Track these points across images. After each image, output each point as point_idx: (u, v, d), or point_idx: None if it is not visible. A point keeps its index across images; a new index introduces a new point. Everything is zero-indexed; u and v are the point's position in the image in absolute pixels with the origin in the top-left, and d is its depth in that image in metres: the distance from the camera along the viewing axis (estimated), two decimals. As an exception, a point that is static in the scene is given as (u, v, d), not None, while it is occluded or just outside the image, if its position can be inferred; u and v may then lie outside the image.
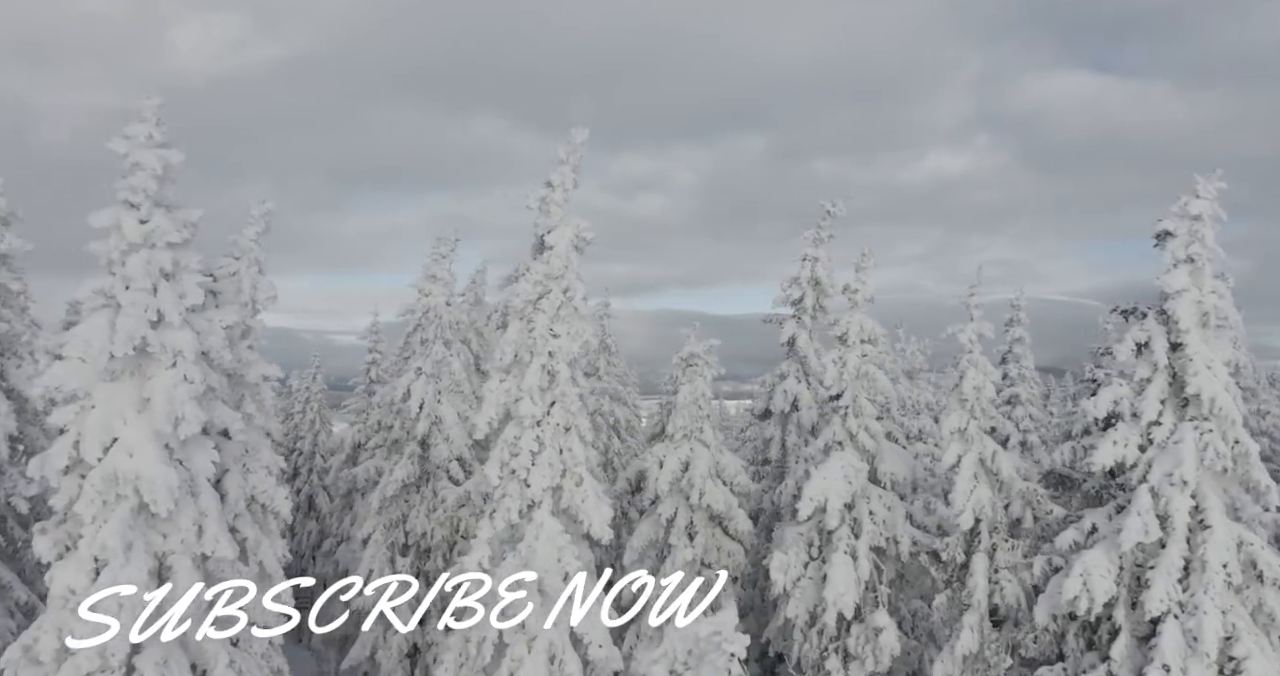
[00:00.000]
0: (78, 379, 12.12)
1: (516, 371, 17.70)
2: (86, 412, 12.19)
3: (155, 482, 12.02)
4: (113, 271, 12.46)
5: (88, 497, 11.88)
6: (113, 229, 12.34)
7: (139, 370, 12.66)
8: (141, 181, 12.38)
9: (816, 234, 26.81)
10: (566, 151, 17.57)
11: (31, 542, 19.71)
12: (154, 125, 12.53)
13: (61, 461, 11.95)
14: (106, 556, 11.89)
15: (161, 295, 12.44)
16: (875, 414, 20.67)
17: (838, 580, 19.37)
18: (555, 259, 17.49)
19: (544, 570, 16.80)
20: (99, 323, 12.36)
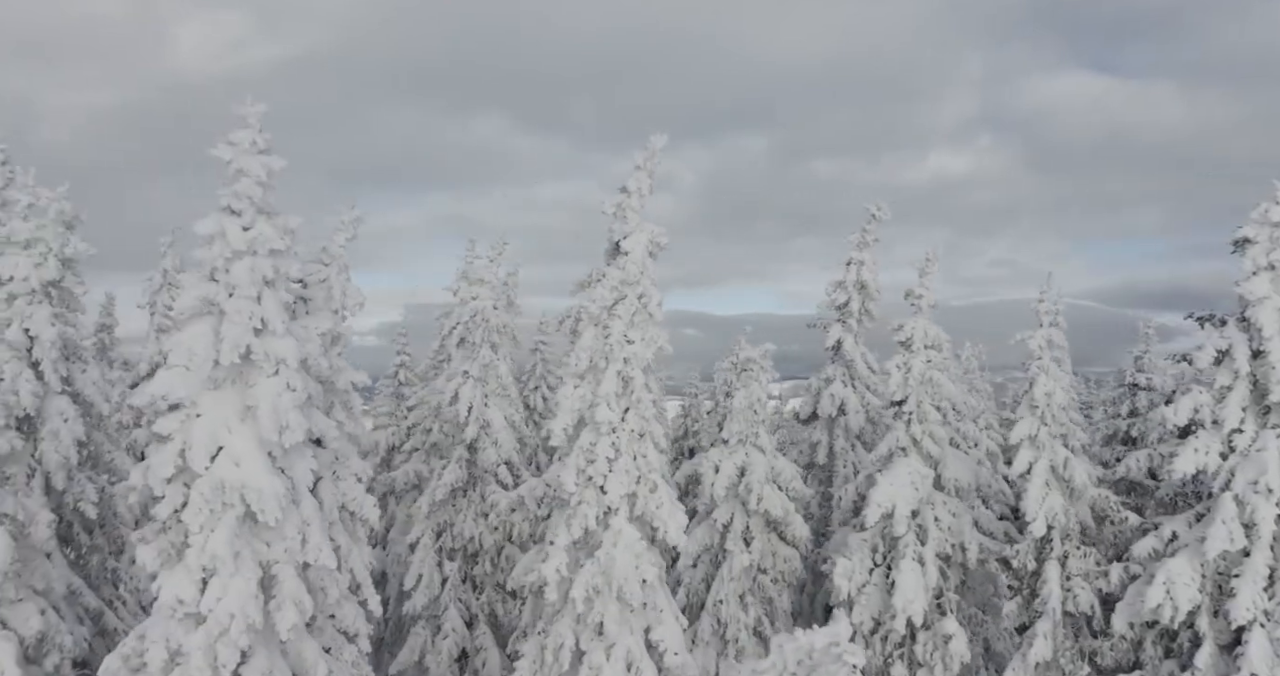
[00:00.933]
0: (183, 387, 12.03)
1: (591, 377, 17.63)
2: (192, 421, 12.09)
3: (263, 492, 11.94)
4: (215, 278, 12.37)
5: (195, 506, 11.78)
6: (217, 236, 12.25)
7: (240, 378, 12.57)
8: (246, 188, 12.29)
9: (861, 237, 26.82)
10: (644, 157, 17.51)
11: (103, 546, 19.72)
12: (257, 131, 12.44)
13: (167, 469, 11.85)
14: (215, 565, 11.80)
15: (265, 302, 12.36)
16: (939, 419, 20.59)
17: (906, 587, 19.30)
18: (631, 265, 17.41)
19: (623, 577, 16.73)
20: (202, 330, 12.27)
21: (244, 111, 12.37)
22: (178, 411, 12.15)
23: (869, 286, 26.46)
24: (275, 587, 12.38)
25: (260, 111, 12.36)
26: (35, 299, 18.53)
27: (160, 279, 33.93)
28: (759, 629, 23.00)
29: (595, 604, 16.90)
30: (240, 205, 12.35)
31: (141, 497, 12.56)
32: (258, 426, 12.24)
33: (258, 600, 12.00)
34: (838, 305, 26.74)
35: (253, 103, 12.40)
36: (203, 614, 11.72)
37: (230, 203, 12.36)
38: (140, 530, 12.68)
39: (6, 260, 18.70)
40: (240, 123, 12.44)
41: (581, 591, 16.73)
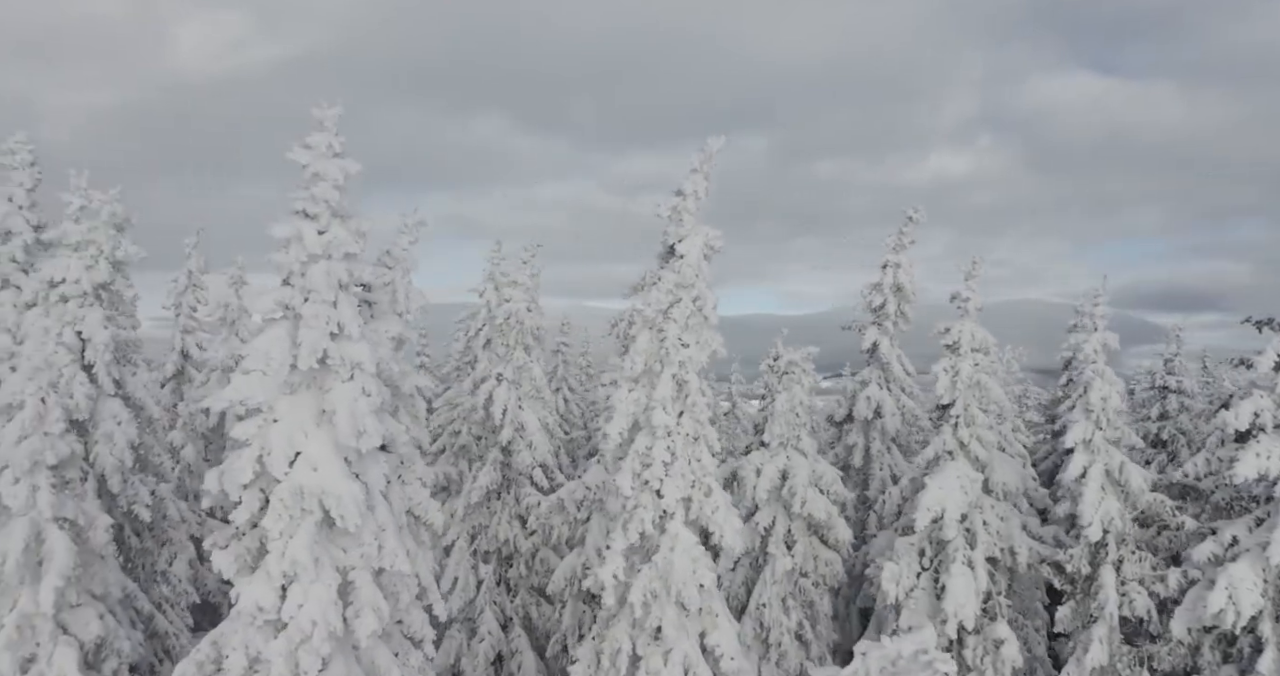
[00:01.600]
0: (261, 392, 11.96)
1: (646, 381, 17.56)
2: (269, 426, 12.03)
3: (342, 497, 11.87)
4: (291, 282, 12.30)
5: (275, 512, 11.72)
6: (293, 239, 12.18)
7: (315, 382, 12.51)
8: (323, 192, 12.24)
9: (898, 240, 26.75)
10: (700, 160, 17.44)
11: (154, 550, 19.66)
12: (333, 135, 12.37)
13: (246, 475, 11.79)
14: (296, 572, 11.73)
15: (341, 307, 12.29)
16: (987, 423, 20.51)
17: (957, 591, 19.21)
18: (686, 268, 17.35)
19: (681, 582, 16.66)
20: (278, 334, 12.21)
21: (320, 114, 12.31)
22: (255, 416, 12.09)
23: (905, 289, 26.40)
24: (352, 594, 12.30)
25: (336, 114, 12.30)
26: (86, 301, 18.50)
27: (185, 280, 33.82)
28: (800, 632, 22.93)
29: (653, 608, 16.82)
30: (316, 209, 12.29)
31: (215, 502, 12.47)
32: (335, 431, 12.18)
33: (337, 607, 11.93)
34: (873, 307, 26.67)
35: (328, 106, 12.33)
36: (284, 620, 11.65)
37: (306, 206, 12.31)
38: (213, 535, 12.61)
39: (58, 262, 18.69)
40: (316, 126, 12.37)
41: (639, 596, 16.65)
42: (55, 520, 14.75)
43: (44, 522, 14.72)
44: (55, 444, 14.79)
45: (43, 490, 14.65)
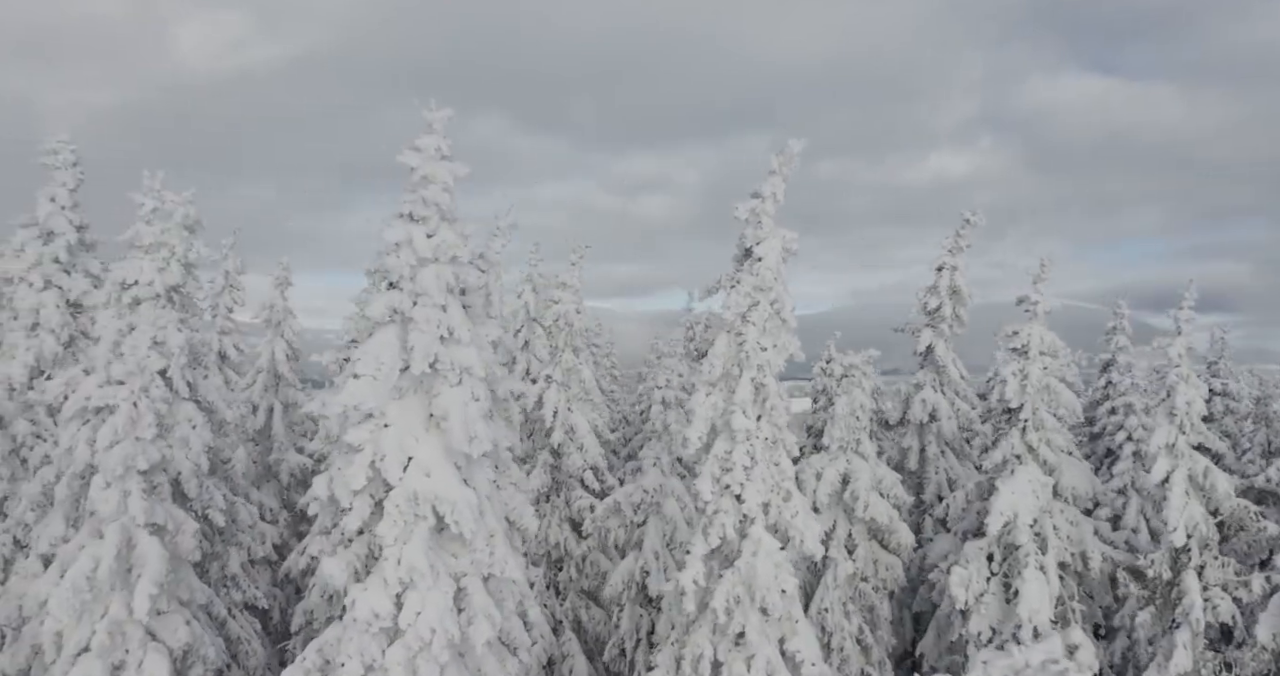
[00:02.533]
0: (373, 397, 11.86)
1: (724, 385, 17.46)
2: (382, 431, 11.92)
3: (458, 503, 11.77)
4: (400, 286, 12.20)
5: (390, 518, 11.61)
6: (404, 243, 12.08)
7: (422, 387, 12.41)
8: (433, 195, 12.14)
9: (954, 243, 26.62)
10: (779, 162, 17.34)
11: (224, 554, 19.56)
12: (442, 137, 12.27)
13: (359, 481, 11.68)
14: (413, 578, 11.62)
15: (450, 310, 12.19)
16: (1056, 427, 20.40)
17: (1031, 596, 19.09)
18: (765, 271, 17.25)
19: (765, 587, 16.55)
20: (388, 339, 12.11)
21: (429, 117, 12.21)
22: (367, 422, 11.98)
23: (961, 292, 26.26)
24: (464, 601, 12.20)
25: (446, 117, 12.20)
26: (159, 304, 18.39)
27: (223, 281, 33.75)
28: (860, 637, 22.83)
29: (735, 614, 16.72)
30: (426, 212, 12.19)
31: (320, 509, 12.37)
32: (446, 436, 12.08)
33: (454, 614, 11.82)
34: (929, 310, 26.53)
35: (437, 108, 12.22)
36: (401, 628, 11.54)
37: (415, 209, 12.20)
38: (319, 540, 12.50)
39: (131, 264, 18.57)
40: (425, 128, 12.27)
41: (722, 601, 16.54)
42: (146, 526, 14.65)
43: (135, 528, 14.63)
44: (146, 449, 14.71)
45: (134, 495, 14.57)
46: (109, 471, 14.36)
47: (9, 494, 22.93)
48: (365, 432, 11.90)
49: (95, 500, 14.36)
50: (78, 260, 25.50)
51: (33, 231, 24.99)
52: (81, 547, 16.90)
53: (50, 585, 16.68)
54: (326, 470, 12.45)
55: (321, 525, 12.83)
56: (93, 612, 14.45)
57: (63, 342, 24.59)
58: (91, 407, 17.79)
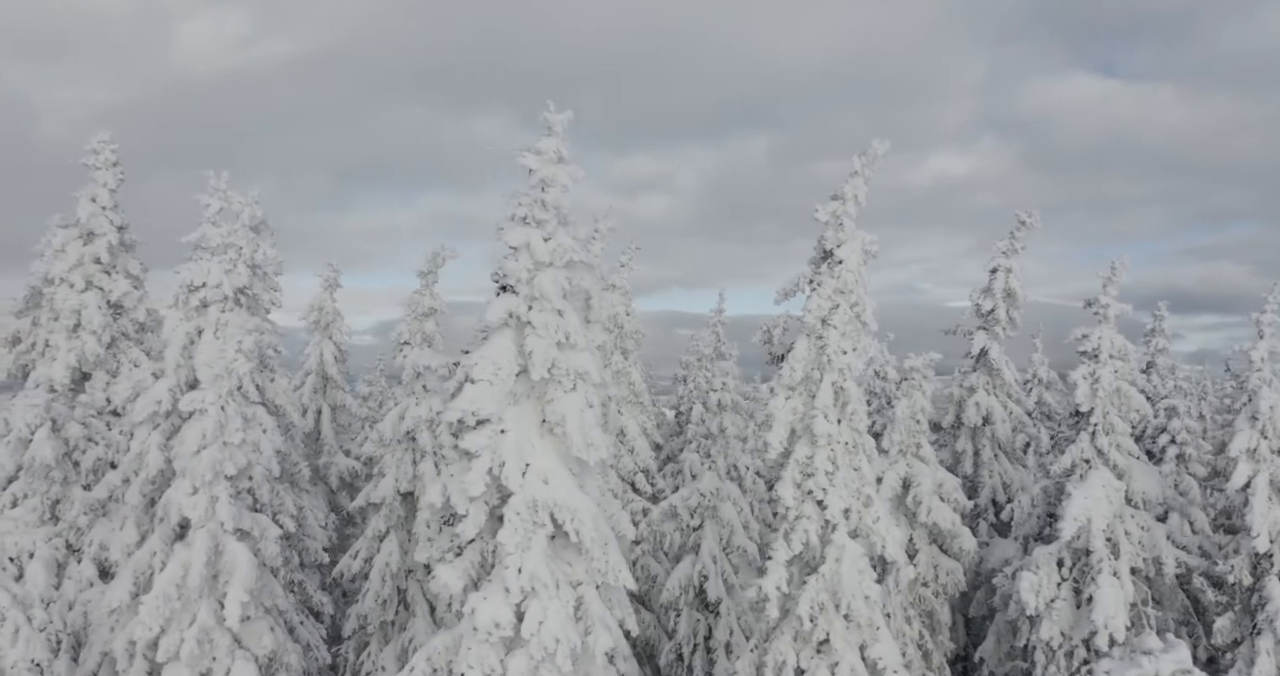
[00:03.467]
0: (492, 403, 11.63)
1: (804, 389, 17.27)
2: (500, 437, 11.69)
3: (578, 511, 11.56)
4: (517, 290, 11.98)
5: (511, 526, 11.38)
6: (522, 247, 11.86)
7: (534, 392, 12.18)
8: (553, 198, 11.92)
9: (1009, 244, 26.40)
10: (862, 163, 17.14)
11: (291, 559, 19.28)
12: (561, 140, 12.05)
13: (478, 487, 11.44)
14: (534, 587, 11.40)
15: (567, 315, 11.98)
16: (1127, 431, 20.26)
17: (1106, 602, 18.94)
18: (846, 273, 17.05)
19: (850, 594, 16.37)
20: (504, 343, 11.90)
21: (550, 118, 11.99)
22: (484, 428, 11.75)
23: (1016, 294, 26.07)
24: (581, 610, 11.98)
25: (566, 119, 11.96)
26: (227, 306, 18.16)
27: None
28: (921, 642, 22.66)
29: (820, 621, 16.53)
30: (544, 215, 11.97)
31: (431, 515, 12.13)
32: (564, 443, 11.87)
33: (575, 624, 11.61)
34: (983, 312, 26.32)
35: (557, 110, 11.99)
36: (524, 638, 11.32)
37: (533, 212, 11.98)
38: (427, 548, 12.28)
39: (198, 266, 18.33)
40: (545, 130, 12.04)
41: (807, 608, 16.36)
42: (234, 532, 14.41)
43: (223, 534, 14.39)
44: (233, 454, 14.47)
45: (222, 501, 14.34)
46: (196, 477, 14.12)
47: (61, 498, 22.67)
48: (483, 438, 11.66)
49: (183, 506, 14.09)
50: (118, 261, 25.25)
51: (73, 232, 24.74)
52: (154, 554, 16.69)
53: (123, 592, 16.45)
54: (439, 476, 12.21)
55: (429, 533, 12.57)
56: (181, 620, 14.20)
57: (104, 344, 24.36)
58: (162, 411, 17.61)
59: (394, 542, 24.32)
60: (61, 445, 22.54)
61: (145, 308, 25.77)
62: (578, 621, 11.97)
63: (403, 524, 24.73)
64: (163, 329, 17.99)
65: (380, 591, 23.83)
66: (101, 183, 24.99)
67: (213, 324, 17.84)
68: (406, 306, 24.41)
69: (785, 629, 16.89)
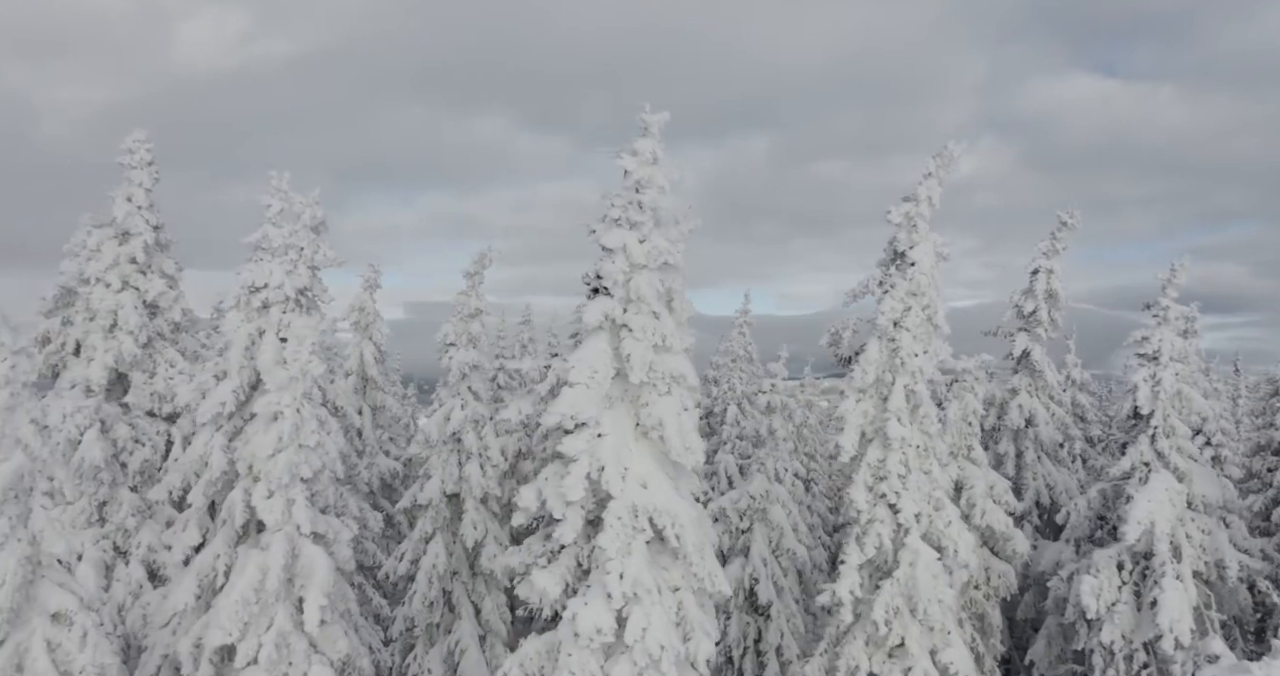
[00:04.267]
0: (590, 406, 11.48)
1: (875, 392, 17.15)
2: (599, 441, 11.54)
3: (679, 516, 11.41)
4: (612, 293, 11.82)
5: (612, 530, 11.22)
6: (618, 249, 11.70)
7: (628, 396, 12.03)
8: (650, 199, 11.76)
9: (1051, 245, 26.27)
10: (936, 164, 17.03)
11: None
12: (658, 141, 11.89)
13: (577, 492, 11.29)
14: (637, 592, 11.24)
15: (663, 318, 11.82)
16: (1188, 434, 20.13)
17: (1171, 606, 18.81)
18: (919, 275, 16.93)
19: (925, 598, 16.23)
20: (600, 346, 11.74)
21: (647, 118, 11.84)
22: (581, 431, 11.59)
23: (1058, 295, 25.94)
24: (681, 616, 11.83)
25: (664, 120, 11.80)
26: (288, 307, 17.98)
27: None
28: (973, 646, 22.51)
29: (894, 625, 16.40)
30: (640, 217, 11.81)
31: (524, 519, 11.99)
32: (660, 446, 11.71)
33: (677, 630, 11.46)
34: (1024, 314, 26.20)
35: (653, 110, 11.84)
36: (627, 644, 11.16)
37: (628, 214, 11.82)
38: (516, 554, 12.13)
39: (260, 267, 18.14)
40: (641, 131, 11.88)
41: (882, 612, 16.22)
42: (310, 535, 14.25)
43: (299, 538, 14.22)
44: (309, 456, 14.29)
45: (298, 504, 14.16)
46: (273, 479, 13.93)
47: (109, 499, 22.50)
48: (581, 442, 11.50)
49: (259, 509, 13.92)
50: (154, 260, 25.06)
51: (108, 231, 24.52)
52: (217, 556, 16.52)
53: (188, 594, 16.28)
54: (533, 480, 12.06)
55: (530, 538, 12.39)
56: (258, 624, 14.03)
57: (141, 344, 24.17)
58: (225, 413, 17.44)
59: (440, 544, 24.19)
60: (110, 446, 22.37)
61: (180, 308, 25.63)
62: (676, 627, 11.81)
63: (448, 526, 24.60)
64: (222, 330, 17.78)
65: (427, 593, 23.70)
66: (137, 182, 24.78)
67: (274, 325, 17.64)
68: (452, 308, 24.25)
69: (858, 633, 16.77)
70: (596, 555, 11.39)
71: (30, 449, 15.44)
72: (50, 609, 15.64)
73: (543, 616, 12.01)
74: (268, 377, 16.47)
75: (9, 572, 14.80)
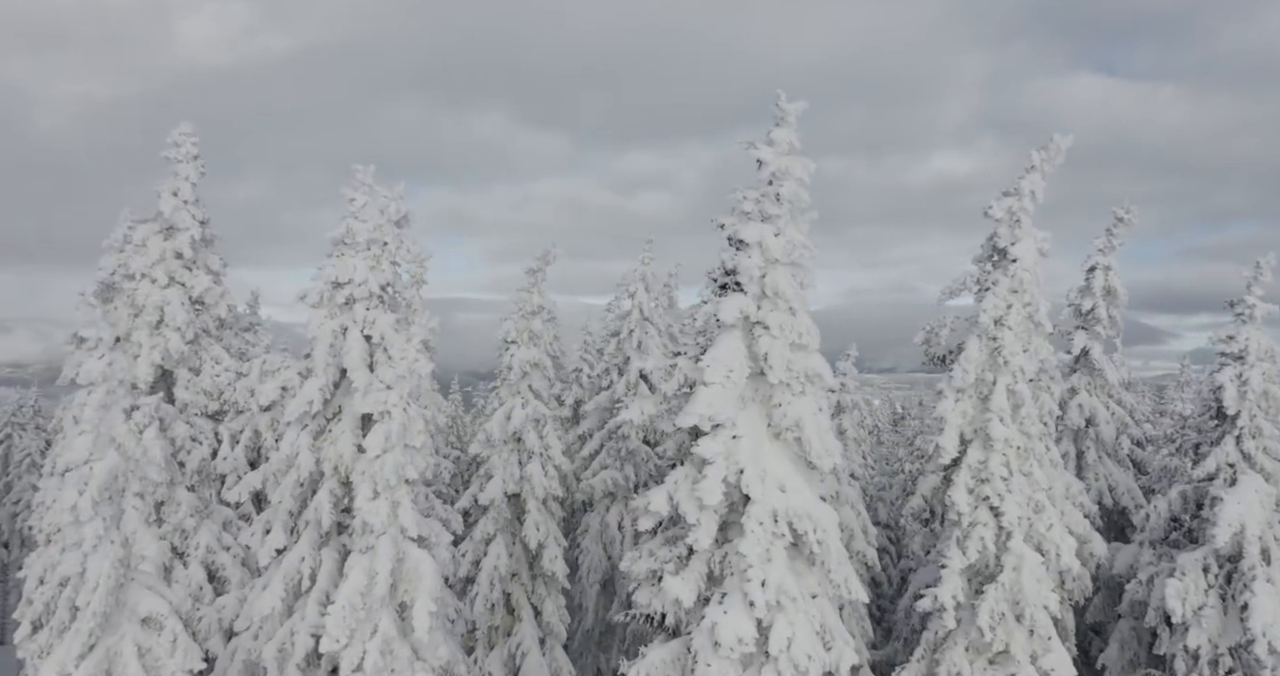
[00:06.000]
0: (727, 406, 11.10)
1: (974, 391, 16.77)
2: (735, 443, 11.15)
3: (820, 521, 11.03)
4: (746, 289, 11.44)
5: (753, 536, 10.84)
6: (754, 244, 11.30)
7: (761, 395, 11.65)
8: (788, 191, 11.37)
9: (1107, 241, 25.87)
10: (1040, 158, 16.63)
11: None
12: (794, 130, 11.50)
13: (714, 496, 10.90)
14: (780, 600, 10.86)
15: (800, 315, 11.44)
16: (1276, 435, 19.77)
17: (1264, 610, 18.47)
18: (1022, 272, 16.55)
19: (1032, 605, 15.86)
20: (734, 344, 11.35)
21: (785, 108, 11.44)
22: (718, 432, 11.21)
23: (1117, 292, 25.55)
24: (820, 624, 11.44)
25: (800, 108, 11.42)
26: (373, 303, 17.56)
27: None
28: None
29: (998, 631, 16.02)
30: (777, 210, 11.43)
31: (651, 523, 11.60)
32: (796, 448, 11.34)
33: (820, 639, 11.08)
34: (1082, 312, 25.79)
35: (789, 99, 11.44)
36: (772, 654, 10.78)
37: (763, 207, 11.43)
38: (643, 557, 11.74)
39: (344, 262, 17.70)
40: (778, 120, 11.48)
41: (986, 618, 15.85)
42: (416, 538, 13.86)
43: (404, 541, 13.84)
44: (414, 457, 13.90)
45: (404, 506, 13.77)
46: (379, 481, 13.55)
47: (166, 499, 22.12)
48: (718, 444, 11.11)
49: (364, 511, 13.53)
50: (199, 256, 24.67)
51: (153, 226, 24.13)
52: (302, 559, 16.13)
53: (274, 598, 15.88)
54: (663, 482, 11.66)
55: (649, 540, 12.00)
56: (363, 631, 13.63)
57: (187, 341, 23.79)
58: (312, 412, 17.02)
59: (501, 545, 23.84)
60: (169, 445, 21.99)
61: (226, 304, 25.26)
62: (818, 636, 11.43)
63: (509, 526, 24.23)
64: (308, 327, 17.34)
65: (489, 595, 23.36)
66: (184, 176, 24.40)
67: (359, 322, 17.23)
68: (514, 304, 23.87)
69: (959, 638, 16.39)
70: (735, 561, 11.00)
71: (124, 448, 15.10)
72: (140, 613, 15.30)
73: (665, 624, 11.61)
74: (354, 375, 16.10)
75: (103, 576, 14.45)
